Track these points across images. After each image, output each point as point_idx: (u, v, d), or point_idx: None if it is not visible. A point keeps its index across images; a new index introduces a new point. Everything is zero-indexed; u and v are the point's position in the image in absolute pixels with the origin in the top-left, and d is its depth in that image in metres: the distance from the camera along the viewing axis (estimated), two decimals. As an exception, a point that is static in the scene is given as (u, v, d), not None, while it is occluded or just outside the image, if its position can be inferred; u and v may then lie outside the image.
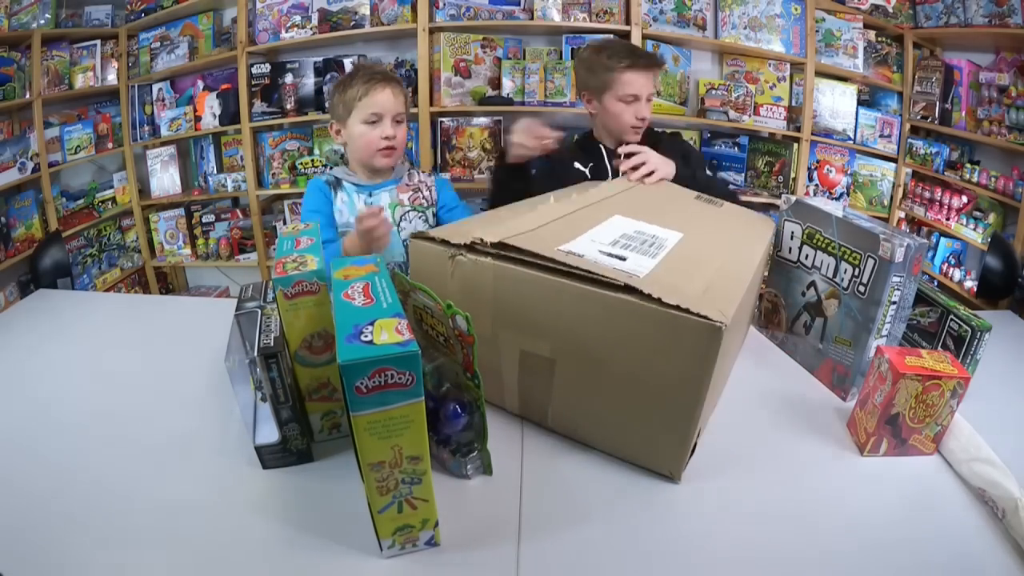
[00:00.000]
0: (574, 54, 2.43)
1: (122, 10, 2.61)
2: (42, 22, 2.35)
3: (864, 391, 0.80)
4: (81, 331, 1.11)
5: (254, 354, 0.66)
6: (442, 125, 2.52)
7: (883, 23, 2.46)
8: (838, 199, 2.52)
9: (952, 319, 0.89)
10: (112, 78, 2.63)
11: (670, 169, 1.25)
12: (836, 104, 2.51)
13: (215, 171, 2.74)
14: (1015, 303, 1.90)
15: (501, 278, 0.73)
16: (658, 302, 0.62)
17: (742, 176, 2.60)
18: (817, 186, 2.56)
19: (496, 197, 1.35)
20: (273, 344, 0.67)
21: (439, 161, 2.56)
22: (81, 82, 2.51)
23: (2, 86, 2.17)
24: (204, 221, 2.75)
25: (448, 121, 2.52)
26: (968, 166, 2.27)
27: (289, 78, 2.52)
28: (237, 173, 2.70)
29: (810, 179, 2.54)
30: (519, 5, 2.41)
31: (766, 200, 2.43)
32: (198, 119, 2.64)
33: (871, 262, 0.83)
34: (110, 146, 2.64)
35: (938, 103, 2.33)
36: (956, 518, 0.67)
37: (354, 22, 2.41)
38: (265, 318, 0.72)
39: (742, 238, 0.95)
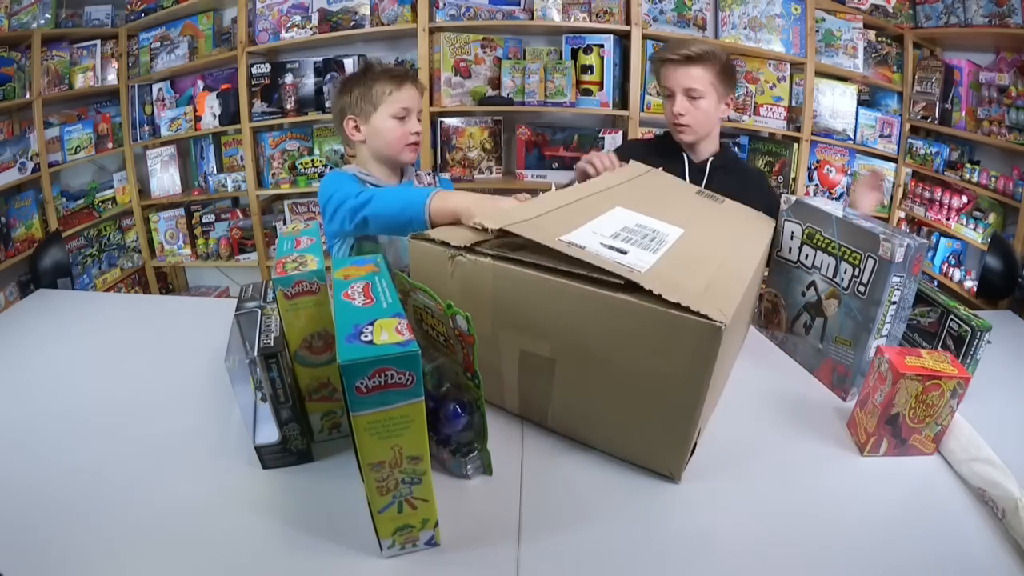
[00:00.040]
0: (574, 54, 2.44)
1: (122, 10, 2.61)
2: (42, 22, 2.35)
3: (864, 391, 0.80)
4: (81, 331, 1.12)
5: (254, 354, 0.66)
6: (442, 125, 2.52)
7: (883, 23, 2.46)
8: (838, 199, 2.52)
9: (952, 319, 0.89)
10: (112, 78, 2.63)
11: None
12: (836, 104, 2.50)
13: (215, 171, 2.74)
14: (1015, 303, 1.90)
15: (501, 278, 0.72)
16: (658, 300, 0.62)
17: (742, 176, 2.60)
18: (817, 186, 2.55)
19: None
20: (273, 344, 0.67)
21: (439, 161, 2.56)
22: (81, 82, 2.51)
23: (2, 86, 2.16)
24: (204, 221, 2.75)
25: (448, 121, 2.52)
26: (968, 166, 2.27)
27: (289, 78, 2.52)
28: (237, 173, 2.70)
29: (810, 179, 2.54)
30: (519, 5, 2.41)
31: (766, 200, 2.43)
32: (198, 119, 2.64)
33: (871, 262, 0.83)
34: (110, 146, 2.64)
35: (938, 103, 2.33)
36: (956, 518, 0.67)
37: (354, 22, 2.41)
38: (265, 318, 0.72)
39: (743, 236, 0.96)
